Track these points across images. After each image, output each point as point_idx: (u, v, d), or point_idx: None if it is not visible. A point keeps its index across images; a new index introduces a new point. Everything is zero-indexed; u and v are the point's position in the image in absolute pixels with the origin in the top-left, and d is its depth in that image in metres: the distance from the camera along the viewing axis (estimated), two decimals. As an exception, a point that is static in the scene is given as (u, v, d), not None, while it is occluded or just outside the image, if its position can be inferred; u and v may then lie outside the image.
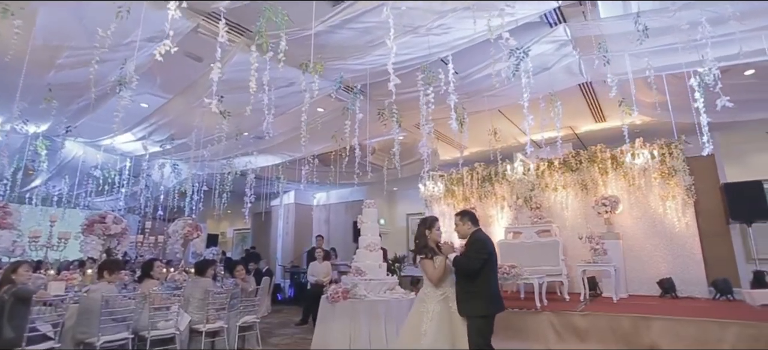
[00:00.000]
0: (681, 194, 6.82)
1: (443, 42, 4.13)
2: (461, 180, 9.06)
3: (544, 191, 8.09)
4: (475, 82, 5.27)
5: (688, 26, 3.96)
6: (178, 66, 5.19)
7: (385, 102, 4.90)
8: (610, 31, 4.18)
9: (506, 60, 4.80)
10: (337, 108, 5.88)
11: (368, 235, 5.88)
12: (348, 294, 5.22)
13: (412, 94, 5.23)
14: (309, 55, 4.20)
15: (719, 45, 4.22)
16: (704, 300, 6.27)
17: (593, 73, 5.22)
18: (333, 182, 8.02)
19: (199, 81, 4.81)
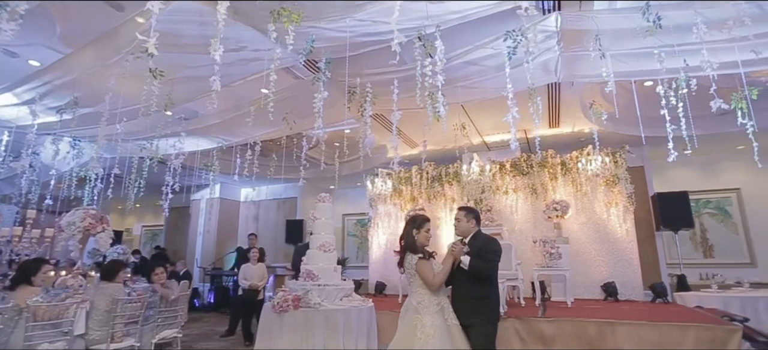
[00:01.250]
0: (623, 201, 7.09)
1: (434, 14, 3.60)
2: (410, 179, 8.65)
3: (494, 193, 7.98)
4: (451, 69, 4.82)
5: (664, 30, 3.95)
6: (89, 13, 4.02)
7: (357, 80, 4.23)
8: (600, 27, 4.00)
9: (488, 46, 4.44)
10: (293, 86, 5.07)
11: (322, 233, 5.14)
12: (299, 302, 4.43)
13: (385, 75, 4.64)
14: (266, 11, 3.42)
15: (692, 53, 4.27)
16: (643, 303, 6.53)
17: (568, 73, 5.09)
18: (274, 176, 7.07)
19: (121, 30, 3.71)
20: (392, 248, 8.65)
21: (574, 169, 7.47)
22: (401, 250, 3.23)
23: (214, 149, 5.89)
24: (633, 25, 4.00)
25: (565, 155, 7.57)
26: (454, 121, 6.91)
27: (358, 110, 4.89)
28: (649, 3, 3.29)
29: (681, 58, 4.29)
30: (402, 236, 3.28)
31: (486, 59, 4.71)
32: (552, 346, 4.93)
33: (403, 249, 3.21)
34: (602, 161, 6.89)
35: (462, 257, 3.15)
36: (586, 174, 7.30)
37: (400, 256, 3.24)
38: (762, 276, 8.21)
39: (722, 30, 3.73)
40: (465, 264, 3.14)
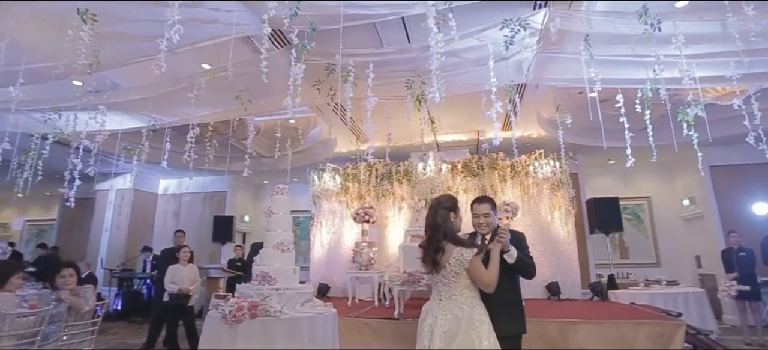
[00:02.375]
0: (566, 204, 7.43)
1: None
2: (358, 176, 8.22)
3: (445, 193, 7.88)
4: (429, 58, 4.54)
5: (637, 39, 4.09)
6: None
7: (337, 56, 3.73)
8: (584, 29, 4.00)
9: (474, 37, 4.24)
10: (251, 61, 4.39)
11: (279, 230, 4.52)
12: (257, 309, 3.79)
13: (362, 57, 4.20)
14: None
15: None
16: (583, 302, 6.88)
17: (538, 74, 5.10)
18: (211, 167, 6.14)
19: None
20: (336, 248, 8.27)
21: (523, 172, 7.67)
22: (433, 242, 2.50)
23: (144, 129, 4.89)
24: (614, 30, 4.09)
25: (514, 159, 7.74)
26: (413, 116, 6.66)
27: (328, 93, 4.38)
28: (647, 3, 3.30)
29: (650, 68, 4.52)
30: (435, 225, 2.52)
31: (467, 51, 4.51)
32: (516, 347, 4.87)
33: (438, 241, 2.48)
34: (552, 166, 7.13)
35: (510, 250, 2.62)
36: (534, 178, 7.54)
37: (430, 250, 2.50)
38: (665, 274, 9.18)
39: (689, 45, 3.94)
40: (512, 256, 2.62)
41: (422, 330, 2.48)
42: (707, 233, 8.59)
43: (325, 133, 8.14)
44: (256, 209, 11.72)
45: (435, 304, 2.51)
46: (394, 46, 4.31)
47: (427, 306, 2.59)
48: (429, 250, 2.50)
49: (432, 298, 2.58)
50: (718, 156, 8.25)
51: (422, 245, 2.58)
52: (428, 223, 2.57)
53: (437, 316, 2.42)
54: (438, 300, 2.50)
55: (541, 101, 6.87)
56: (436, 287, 2.55)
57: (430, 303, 2.58)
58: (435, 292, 2.57)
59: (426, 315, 2.53)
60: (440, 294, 2.49)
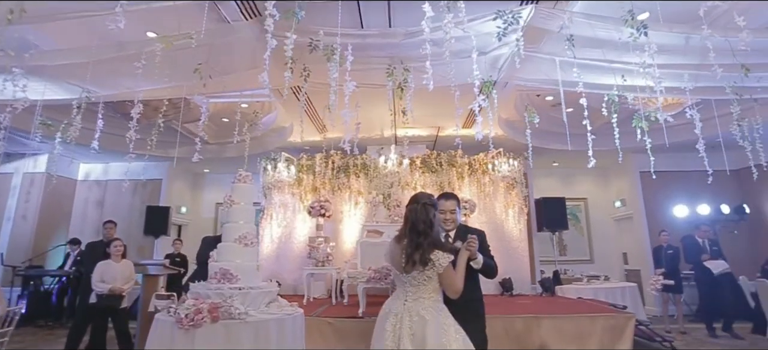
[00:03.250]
0: (519, 203, 7.67)
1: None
2: (313, 168, 7.83)
3: (403, 189, 7.78)
4: (409, 45, 4.34)
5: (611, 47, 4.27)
6: None
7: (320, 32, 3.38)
8: (563, 30, 4.06)
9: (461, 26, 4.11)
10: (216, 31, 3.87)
11: (241, 222, 4.06)
12: (218, 312, 3.34)
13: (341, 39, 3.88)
14: None
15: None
16: (534, 296, 7.14)
17: (510, 73, 5.13)
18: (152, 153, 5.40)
19: None
20: (287, 243, 7.81)
21: (480, 170, 7.79)
22: (417, 241, 2.30)
23: (75, 101, 4.08)
24: (592, 33, 4.20)
25: (472, 157, 7.84)
26: (378, 106, 6.44)
27: (302, 73, 4.00)
28: (633, 8, 3.39)
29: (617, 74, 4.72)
30: (426, 223, 2.34)
31: (449, 42, 4.37)
32: (483, 344, 4.87)
33: (422, 242, 2.31)
34: (509, 165, 7.30)
35: (477, 256, 2.60)
36: (491, 176, 7.68)
37: (411, 249, 2.31)
38: (597, 270, 9.92)
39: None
40: (479, 262, 2.61)
41: (384, 330, 2.33)
42: (635, 233, 9.40)
43: (279, 120, 7.63)
44: (195, 199, 10.77)
45: (399, 304, 2.38)
46: (376, 29, 4.06)
47: (388, 305, 2.45)
48: (409, 248, 2.33)
49: (395, 297, 2.45)
50: (647, 163, 9.00)
51: (400, 241, 2.43)
52: (419, 218, 2.37)
53: (402, 317, 2.29)
54: (403, 301, 2.36)
55: (502, 100, 6.97)
56: (402, 286, 2.41)
57: (392, 301, 2.45)
58: (400, 291, 2.43)
59: (387, 313, 2.39)
60: (407, 295, 2.36)
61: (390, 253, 2.51)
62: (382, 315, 2.48)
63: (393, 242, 2.50)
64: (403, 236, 2.43)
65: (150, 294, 5.45)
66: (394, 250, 2.46)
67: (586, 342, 4.84)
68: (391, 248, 2.51)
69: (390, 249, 2.51)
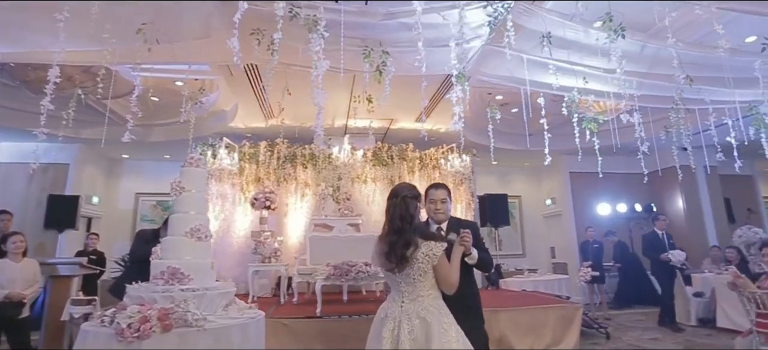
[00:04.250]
0: (467, 198, 7.81)
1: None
2: (256, 156, 7.21)
3: (353, 182, 7.50)
4: (386, 28, 4.08)
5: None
6: None
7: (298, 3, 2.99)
8: (537, 26, 4.09)
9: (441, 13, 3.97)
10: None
11: (192, 212, 3.51)
12: (170, 319, 2.82)
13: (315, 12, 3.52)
14: None
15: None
16: (482, 290, 7.28)
17: (475, 68, 5.11)
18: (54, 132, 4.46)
19: None
20: (225, 238, 7.11)
21: (431, 165, 7.78)
22: (403, 236, 2.14)
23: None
24: (562, 34, 4.30)
25: (423, 151, 7.80)
26: (335, 93, 6.11)
27: (269, 47, 3.54)
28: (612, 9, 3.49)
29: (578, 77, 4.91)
30: (405, 217, 2.19)
31: (426, 29, 4.19)
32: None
33: (408, 235, 2.15)
34: (462, 160, 7.37)
35: (472, 252, 2.49)
36: (441, 171, 7.71)
37: (399, 245, 2.13)
38: (528, 263, 10.56)
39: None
40: (474, 257, 2.51)
41: (381, 337, 2.13)
42: (563, 229, 10.13)
43: (220, 102, 6.89)
44: (111, 189, 9.40)
45: (396, 307, 2.18)
46: (354, 5, 3.74)
47: (385, 308, 2.25)
48: (398, 245, 2.13)
49: (391, 299, 2.26)
50: (576, 164, 9.75)
51: (385, 239, 2.21)
52: (396, 213, 2.21)
53: (401, 321, 2.10)
54: (400, 303, 2.17)
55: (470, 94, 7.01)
56: (396, 287, 2.22)
57: (388, 304, 2.25)
58: (395, 293, 2.24)
59: (384, 318, 2.19)
60: (403, 296, 2.18)
61: (377, 254, 2.26)
62: (377, 320, 2.26)
63: (378, 242, 2.27)
64: (386, 232, 2.24)
65: (60, 299, 4.59)
66: (378, 249, 2.24)
67: (540, 332, 5.02)
68: (376, 249, 2.28)
69: (376, 250, 2.27)
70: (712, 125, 5.88)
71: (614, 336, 6.03)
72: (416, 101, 6.94)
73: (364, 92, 5.00)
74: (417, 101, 6.88)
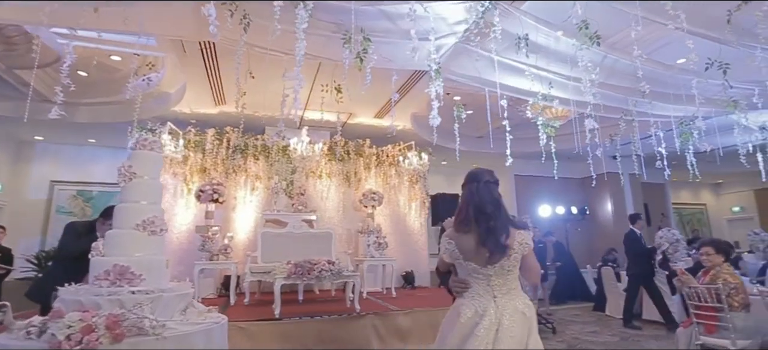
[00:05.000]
0: (421, 197, 7.82)
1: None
2: (202, 144, 6.62)
3: (307, 177, 7.17)
4: (364, 13, 3.87)
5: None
6: None
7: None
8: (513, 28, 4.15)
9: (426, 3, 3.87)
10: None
11: (143, 202, 3.07)
12: (121, 326, 2.41)
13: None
14: None
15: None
16: (436, 288, 7.34)
17: (445, 66, 5.08)
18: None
19: None
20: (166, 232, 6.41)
21: (387, 162, 7.69)
22: (499, 224, 1.98)
23: None
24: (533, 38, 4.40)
25: (379, 148, 7.68)
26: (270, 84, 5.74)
27: (242, 20, 3.18)
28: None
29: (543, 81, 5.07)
30: (495, 202, 2.03)
31: (402, 19, 4.07)
32: (408, 339, 4.74)
33: (503, 223, 1.99)
34: (420, 159, 7.36)
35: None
36: (397, 168, 7.66)
37: (496, 234, 1.95)
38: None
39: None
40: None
41: (474, 336, 1.89)
42: (505, 229, 10.59)
43: (165, 83, 6.20)
44: (18, 175, 8.09)
45: (488, 303, 1.96)
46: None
47: (475, 306, 1.97)
48: (499, 231, 1.97)
49: (476, 295, 2.00)
50: (520, 167, 10.26)
51: (465, 231, 2.02)
52: (484, 199, 2.04)
53: (502, 318, 1.91)
54: (491, 298, 1.97)
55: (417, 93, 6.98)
56: (485, 281, 2.00)
57: (473, 301, 1.99)
58: (483, 288, 2.00)
59: (474, 316, 1.94)
60: (494, 290, 1.98)
61: (457, 247, 2.04)
62: (467, 317, 1.96)
63: (456, 234, 2.06)
64: (468, 222, 2.03)
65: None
66: (463, 242, 2.02)
67: (499, 330, 5.13)
68: (457, 241, 2.04)
69: (456, 243, 2.04)
70: (638, 136, 6.46)
71: (559, 330, 6.37)
72: (376, 95, 6.85)
73: (332, 81, 4.77)
74: (377, 95, 6.81)
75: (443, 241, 2.12)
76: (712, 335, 3.70)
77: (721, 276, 3.67)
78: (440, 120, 3.89)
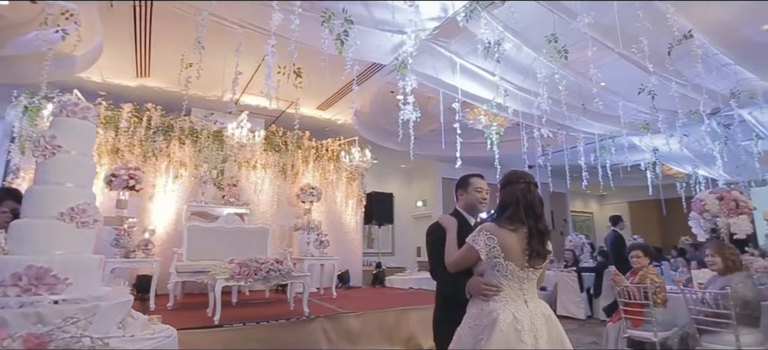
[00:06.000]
0: (358, 194, 7.65)
1: None
2: (116, 121, 5.63)
3: (241, 166, 6.54)
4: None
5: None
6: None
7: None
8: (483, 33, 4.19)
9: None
10: None
11: (69, 184, 2.44)
12: (46, 345, 1.84)
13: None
14: None
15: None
16: (370, 288, 7.23)
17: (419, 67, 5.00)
18: None
19: None
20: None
21: (326, 156, 7.36)
22: (542, 227, 1.98)
23: None
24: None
25: (319, 141, 7.33)
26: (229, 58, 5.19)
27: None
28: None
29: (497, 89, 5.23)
30: (531, 208, 1.98)
31: (378, 8, 3.87)
32: (359, 341, 4.54)
33: (545, 232, 1.99)
34: (362, 155, 7.15)
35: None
36: (337, 163, 7.38)
37: (543, 238, 1.97)
38: (398, 262, 11.03)
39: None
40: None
41: (524, 343, 1.78)
42: (431, 229, 10.88)
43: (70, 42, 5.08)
44: None
45: (522, 306, 1.88)
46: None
47: (511, 311, 1.85)
48: (542, 236, 1.97)
49: (512, 299, 1.90)
50: (447, 171, 10.64)
51: (513, 229, 1.93)
52: (534, 201, 2.01)
53: (534, 322, 1.85)
54: (523, 303, 1.90)
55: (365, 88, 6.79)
56: (518, 285, 1.92)
57: (511, 305, 1.88)
58: (515, 292, 1.91)
59: (518, 321, 1.83)
60: (525, 294, 1.93)
61: (503, 244, 1.91)
62: (508, 326, 1.82)
63: (499, 230, 1.93)
64: (516, 220, 1.95)
65: None
66: (507, 240, 1.91)
67: (444, 329, 5.18)
68: (500, 238, 1.91)
69: (502, 239, 1.91)
70: (551, 148, 7.11)
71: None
72: (323, 86, 6.50)
73: (292, 64, 4.35)
74: (324, 86, 6.46)
75: (481, 236, 1.96)
76: (638, 328, 4.14)
77: (648, 276, 4.12)
78: (417, 116, 3.76)
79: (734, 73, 4.69)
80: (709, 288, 3.73)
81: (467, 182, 2.55)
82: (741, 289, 3.47)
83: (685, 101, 5.52)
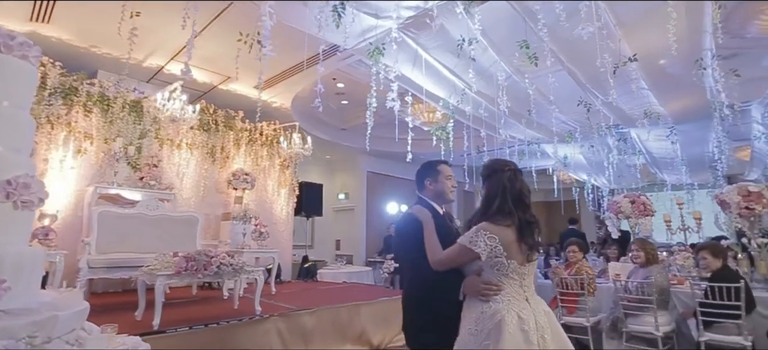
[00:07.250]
0: (291, 184, 7.21)
1: None
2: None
3: (163, 144, 5.66)
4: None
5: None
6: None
7: None
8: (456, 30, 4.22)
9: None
10: None
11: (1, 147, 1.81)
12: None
13: None
14: None
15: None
16: (303, 282, 6.87)
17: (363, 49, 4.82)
18: None
19: None
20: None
21: (260, 141, 6.78)
22: (532, 220, 1.86)
23: None
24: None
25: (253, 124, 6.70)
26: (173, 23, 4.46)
27: None
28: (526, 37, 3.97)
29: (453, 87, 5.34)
30: (520, 197, 1.87)
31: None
32: (312, 340, 4.26)
33: (534, 222, 1.87)
34: (303, 142, 6.71)
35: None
36: (272, 149, 6.85)
37: (535, 227, 1.86)
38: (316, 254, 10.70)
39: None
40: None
41: (532, 343, 1.71)
42: (353, 223, 10.79)
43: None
44: None
45: (524, 305, 1.79)
46: None
47: (515, 311, 1.76)
48: (531, 228, 1.85)
49: (514, 298, 1.80)
50: (373, 165, 10.67)
51: (507, 223, 1.83)
52: (522, 189, 1.90)
53: (538, 320, 1.77)
54: (524, 299, 1.82)
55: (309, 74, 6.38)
56: (518, 282, 1.82)
57: (514, 304, 1.78)
58: (516, 290, 1.82)
59: (523, 321, 1.74)
60: (525, 290, 1.84)
61: (504, 242, 1.78)
62: (515, 329, 1.72)
63: (496, 227, 1.79)
64: (507, 214, 1.82)
65: None
66: (505, 237, 1.77)
67: (392, 322, 5.14)
68: (503, 236, 1.78)
69: (503, 237, 1.78)
70: (484, 148, 7.64)
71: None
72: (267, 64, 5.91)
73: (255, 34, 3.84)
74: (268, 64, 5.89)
75: (480, 237, 1.81)
76: (572, 315, 4.61)
77: (583, 269, 4.61)
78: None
79: (645, 96, 5.50)
80: (632, 278, 4.32)
81: (436, 169, 2.29)
82: (659, 279, 4.08)
83: (598, 115, 6.34)
